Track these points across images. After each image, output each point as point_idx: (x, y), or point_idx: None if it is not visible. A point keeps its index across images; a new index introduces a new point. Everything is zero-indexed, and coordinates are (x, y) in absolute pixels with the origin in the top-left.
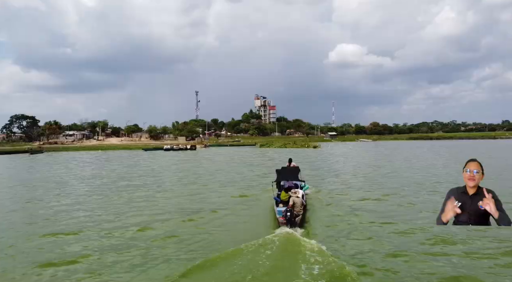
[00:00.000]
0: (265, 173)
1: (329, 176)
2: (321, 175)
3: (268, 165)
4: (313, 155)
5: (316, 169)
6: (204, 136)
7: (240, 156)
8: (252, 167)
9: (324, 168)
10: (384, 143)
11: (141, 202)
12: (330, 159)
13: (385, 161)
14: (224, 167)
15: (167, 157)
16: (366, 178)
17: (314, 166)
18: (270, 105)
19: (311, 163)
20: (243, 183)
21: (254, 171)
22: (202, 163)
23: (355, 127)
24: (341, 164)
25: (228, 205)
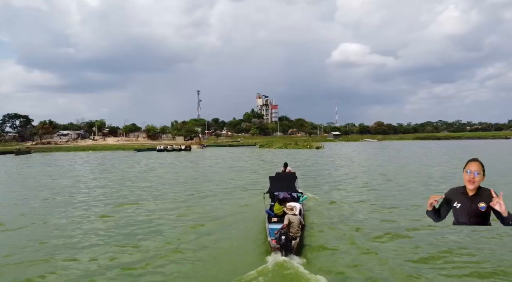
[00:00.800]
0: (254, 180)
1: (333, 184)
2: (324, 182)
3: (261, 169)
4: (316, 157)
5: (318, 175)
6: (203, 136)
7: (234, 158)
8: (241, 173)
9: (327, 174)
10: (390, 143)
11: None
12: (334, 162)
13: (397, 165)
14: (212, 170)
15: (154, 158)
16: (377, 191)
17: (316, 170)
18: (272, 104)
19: (312, 167)
20: (223, 194)
21: (242, 178)
22: (187, 166)
23: (359, 127)
24: (347, 168)
25: (208, 220)
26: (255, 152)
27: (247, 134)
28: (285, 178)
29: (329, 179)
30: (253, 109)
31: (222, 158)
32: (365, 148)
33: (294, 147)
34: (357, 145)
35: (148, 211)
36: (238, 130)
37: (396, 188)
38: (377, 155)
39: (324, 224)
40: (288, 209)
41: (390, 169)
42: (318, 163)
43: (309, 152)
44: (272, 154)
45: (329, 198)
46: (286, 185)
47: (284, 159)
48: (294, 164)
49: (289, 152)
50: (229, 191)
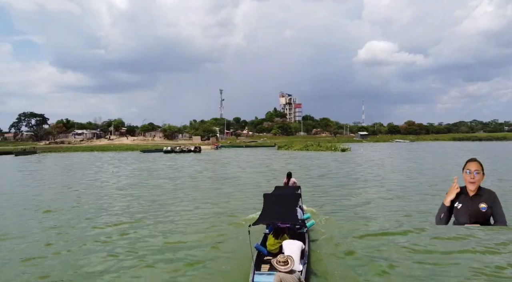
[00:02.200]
0: (245, 200)
1: (361, 208)
2: (349, 203)
3: (263, 181)
4: (341, 163)
5: (341, 188)
6: (222, 136)
7: (239, 162)
8: (230, 187)
9: (354, 189)
10: (425, 144)
11: None
12: (365, 171)
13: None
14: (192, 182)
15: (147, 162)
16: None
17: (340, 183)
18: (295, 103)
19: (335, 178)
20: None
21: (227, 198)
22: (166, 175)
23: (388, 127)
24: (383, 182)
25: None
26: (271, 154)
27: (269, 134)
28: (284, 199)
29: (356, 198)
30: (276, 109)
31: (225, 162)
32: (399, 150)
33: (316, 148)
34: (387, 146)
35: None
36: (259, 130)
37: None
38: (419, 161)
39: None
40: (279, 262)
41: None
42: (344, 171)
43: (333, 155)
44: (288, 157)
45: (353, 227)
46: (284, 211)
47: (302, 163)
48: (313, 172)
49: (310, 155)
50: (199, 217)
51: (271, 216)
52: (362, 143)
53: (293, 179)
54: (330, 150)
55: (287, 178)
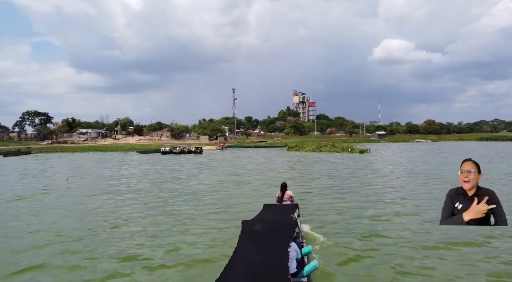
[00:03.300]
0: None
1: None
2: (368, 228)
3: (251, 200)
4: (359, 168)
5: (363, 214)
6: (231, 135)
7: (233, 169)
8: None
9: (379, 209)
10: (450, 144)
11: None
12: (390, 182)
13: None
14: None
15: (131, 165)
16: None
17: (360, 205)
18: (309, 101)
19: (354, 192)
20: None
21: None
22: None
23: (407, 126)
24: (419, 198)
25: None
26: (278, 155)
27: (281, 134)
28: (272, 233)
29: (385, 223)
30: (289, 107)
31: (214, 166)
32: (425, 152)
33: (330, 149)
34: (409, 147)
35: None
36: (271, 130)
37: None
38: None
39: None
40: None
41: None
42: (364, 180)
43: (350, 157)
44: (296, 160)
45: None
46: (268, 260)
47: (311, 168)
48: (324, 182)
49: (322, 157)
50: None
51: (245, 269)
52: (380, 143)
53: (289, 192)
54: (346, 151)
55: (281, 190)
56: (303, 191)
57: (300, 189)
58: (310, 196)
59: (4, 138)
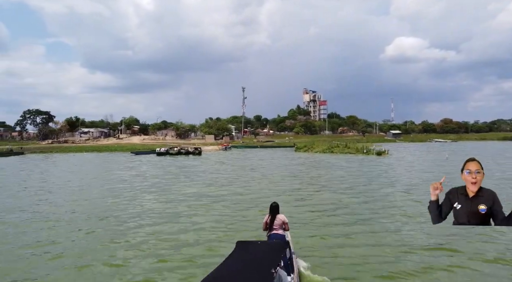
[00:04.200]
0: None
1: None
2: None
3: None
4: (377, 179)
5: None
6: (238, 134)
7: (220, 179)
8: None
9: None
10: (473, 145)
11: None
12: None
13: None
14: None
15: (111, 170)
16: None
17: (384, 242)
18: (320, 100)
19: (373, 221)
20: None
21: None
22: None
23: (422, 125)
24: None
25: None
26: (284, 157)
27: (291, 133)
28: (251, 265)
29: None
30: (299, 106)
31: (193, 175)
32: (451, 153)
33: (343, 150)
34: (429, 147)
35: None
36: (281, 129)
37: None
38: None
39: None
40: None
41: None
42: (387, 198)
43: (365, 160)
44: (300, 162)
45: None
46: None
47: (318, 176)
48: (331, 200)
49: (334, 159)
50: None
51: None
52: (395, 143)
53: (282, 216)
54: (361, 152)
55: (270, 213)
56: (299, 212)
57: (295, 210)
58: (308, 224)
59: (6, 138)
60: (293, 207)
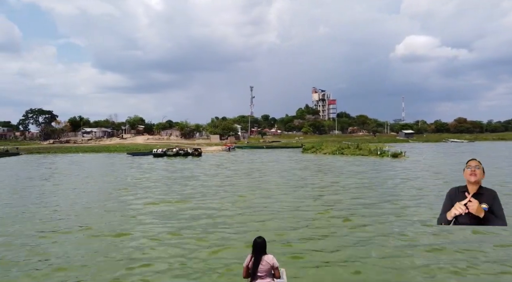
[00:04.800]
0: None
1: None
2: None
3: None
4: (399, 193)
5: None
6: (244, 134)
7: (198, 187)
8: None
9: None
10: (492, 144)
11: None
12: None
13: None
14: None
15: (89, 175)
16: None
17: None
18: (329, 99)
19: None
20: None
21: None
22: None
23: (435, 125)
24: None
25: None
26: (288, 160)
27: (299, 133)
28: None
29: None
30: (308, 105)
31: (169, 183)
32: (478, 155)
33: (354, 152)
34: (447, 148)
35: None
36: (289, 128)
37: None
38: None
39: None
40: None
41: None
42: (423, 220)
43: (379, 164)
44: (304, 166)
45: None
46: None
47: (328, 180)
48: (346, 226)
49: (344, 163)
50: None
51: None
52: (408, 143)
53: (270, 257)
54: (374, 154)
55: (253, 253)
56: (296, 252)
57: (287, 251)
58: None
59: (10, 137)
60: (284, 244)
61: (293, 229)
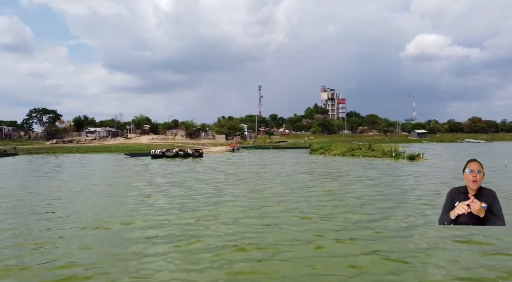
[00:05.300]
0: None
1: None
2: None
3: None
4: (424, 201)
5: None
6: (251, 134)
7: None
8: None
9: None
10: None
11: None
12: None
13: None
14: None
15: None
16: None
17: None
18: (339, 98)
19: None
20: None
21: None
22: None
23: (449, 124)
24: None
25: None
26: (294, 163)
27: (308, 133)
28: None
29: None
30: (316, 104)
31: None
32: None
33: (366, 153)
34: (466, 149)
35: None
36: (297, 128)
37: None
38: None
39: None
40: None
41: None
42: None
43: (395, 167)
44: (310, 169)
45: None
46: None
47: (335, 193)
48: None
49: (355, 166)
50: None
51: None
52: (422, 144)
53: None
54: (388, 156)
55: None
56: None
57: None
58: None
59: (15, 137)
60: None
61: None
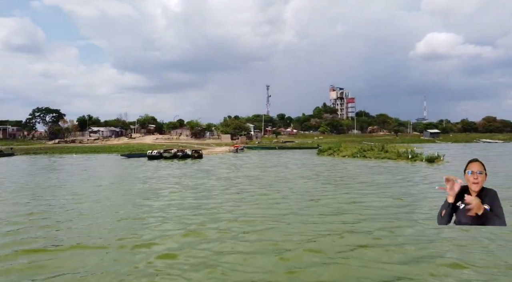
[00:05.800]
0: None
1: None
2: None
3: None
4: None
5: None
6: (257, 134)
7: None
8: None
9: None
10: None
11: None
12: None
13: None
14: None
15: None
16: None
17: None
18: (348, 97)
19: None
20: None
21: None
22: None
23: (462, 124)
24: None
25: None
26: (299, 166)
27: (316, 133)
28: None
29: None
30: (325, 104)
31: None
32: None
33: (378, 155)
34: (484, 149)
35: None
36: (305, 128)
37: None
38: None
39: None
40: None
41: None
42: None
43: (414, 171)
44: (315, 173)
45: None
46: None
47: (348, 212)
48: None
49: (366, 168)
50: None
51: None
52: (435, 144)
53: None
54: (404, 158)
55: None
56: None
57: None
58: None
59: (19, 137)
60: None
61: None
